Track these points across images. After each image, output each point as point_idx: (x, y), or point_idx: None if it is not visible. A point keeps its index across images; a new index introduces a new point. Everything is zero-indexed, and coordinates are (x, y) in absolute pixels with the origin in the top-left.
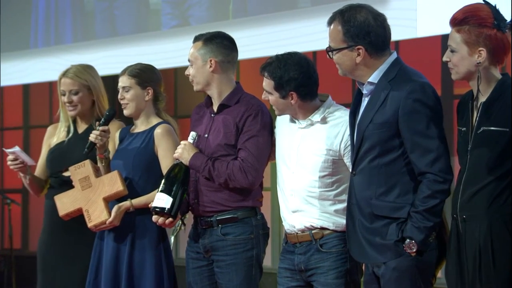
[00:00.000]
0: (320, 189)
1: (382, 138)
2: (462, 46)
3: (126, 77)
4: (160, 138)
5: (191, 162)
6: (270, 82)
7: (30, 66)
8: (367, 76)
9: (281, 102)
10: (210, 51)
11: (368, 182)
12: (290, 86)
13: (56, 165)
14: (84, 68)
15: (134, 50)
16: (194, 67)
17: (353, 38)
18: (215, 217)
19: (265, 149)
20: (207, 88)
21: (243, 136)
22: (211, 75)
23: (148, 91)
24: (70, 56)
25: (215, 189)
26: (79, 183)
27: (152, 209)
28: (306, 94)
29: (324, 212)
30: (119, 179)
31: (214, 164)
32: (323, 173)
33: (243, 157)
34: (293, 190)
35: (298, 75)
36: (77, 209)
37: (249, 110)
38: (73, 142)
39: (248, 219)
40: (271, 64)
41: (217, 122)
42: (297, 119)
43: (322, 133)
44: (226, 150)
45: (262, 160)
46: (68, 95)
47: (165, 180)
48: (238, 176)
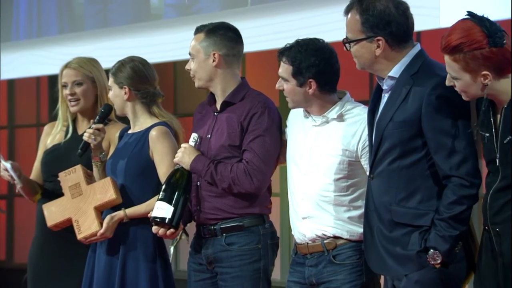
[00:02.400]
0: (335, 193)
1: (403, 138)
2: (462, 74)
3: (110, 75)
4: (155, 141)
5: (192, 165)
6: (288, 68)
7: (14, 60)
8: (388, 70)
9: (297, 91)
10: (213, 44)
11: (387, 186)
12: (310, 72)
13: (52, 169)
14: (88, 60)
15: (128, 42)
16: (196, 61)
17: (372, 28)
18: (218, 225)
19: (273, 150)
20: (210, 84)
21: (248, 136)
22: (214, 70)
23: (124, 90)
24: (58, 49)
25: (218, 194)
26: (69, 190)
27: (152, 219)
28: (326, 83)
29: (338, 219)
30: (112, 186)
31: (216, 167)
32: (338, 176)
33: (248, 159)
34: (305, 194)
35: (320, 62)
36: (66, 219)
37: (255, 107)
38: (72, 144)
39: (255, 227)
40: (290, 49)
41: (221, 121)
42: (311, 115)
43: (338, 131)
44: (230, 152)
45: (269, 162)
46: (70, 86)
47: (165, 188)
48: (242, 180)
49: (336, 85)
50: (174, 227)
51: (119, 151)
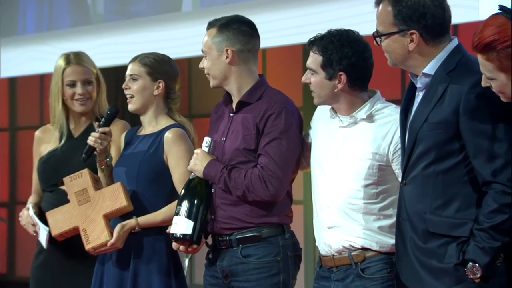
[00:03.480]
0: (364, 201)
1: (439, 141)
2: (498, 74)
3: (137, 65)
4: (171, 145)
5: (205, 172)
6: (318, 58)
7: (17, 56)
8: (422, 66)
9: (326, 85)
10: (226, 39)
11: (421, 193)
12: (341, 64)
13: (50, 177)
14: (85, 55)
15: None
16: (209, 59)
17: (406, 21)
18: (234, 236)
19: (290, 154)
20: (225, 83)
21: (264, 139)
22: (228, 68)
23: (159, 84)
24: (64, 44)
25: (233, 202)
26: (75, 196)
27: (171, 236)
28: (357, 78)
29: (367, 229)
30: (123, 192)
31: (230, 173)
32: (367, 182)
33: (263, 164)
34: (331, 201)
35: (352, 54)
36: (72, 228)
37: (271, 107)
38: (69, 149)
39: (274, 238)
40: (322, 38)
41: (236, 123)
42: (337, 115)
43: (367, 133)
44: (245, 156)
45: (286, 167)
46: (81, 86)
47: (181, 200)
48: (257, 186)
49: (368, 82)
50: (196, 242)
51: (128, 154)
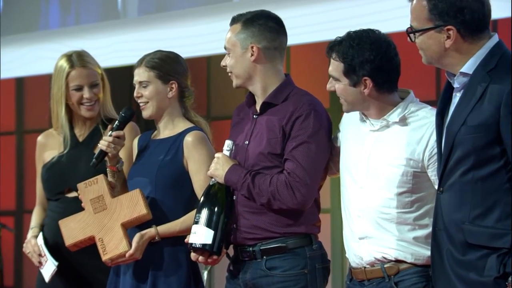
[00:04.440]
0: (397, 210)
1: (478, 145)
2: None
3: (143, 69)
4: (192, 149)
5: (226, 177)
6: (339, 65)
7: (25, 54)
8: (460, 65)
9: (351, 92)
10: (251, 36)
11: (459, 201)
12: (364, 69)
13: (56, 185)
14: (88, 55)
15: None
16: (232, 56)
17: (442, 16)
18: (258, 247)
19: (319, 159)
20: (249, 83)
21: (291, 143)
22: (253, 66)
23: (171, 86)
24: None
25: (257, 210)
26: (90, 204)
27: (189, 246)
28: (384, 82)
29: (401, 239)
30: (142, 199)
31: (254, 179)
32: (401, 190)
33: (290, 169)
34: (362, 211)
35: (375, 57)
36: (88, 237)
37: (299, 109)
38: (74, 154)
39: (301, 249)
40: (341, 43)
41: (260, 125)
42: (368, 118)
43: (400, 137)
44: (270, 161)
45: (315, 173)
46: (88, 89)
47: (201, 207)
48: (283, 194)
49: (397, 83)
50: (216, 253)
51: (145, 160)
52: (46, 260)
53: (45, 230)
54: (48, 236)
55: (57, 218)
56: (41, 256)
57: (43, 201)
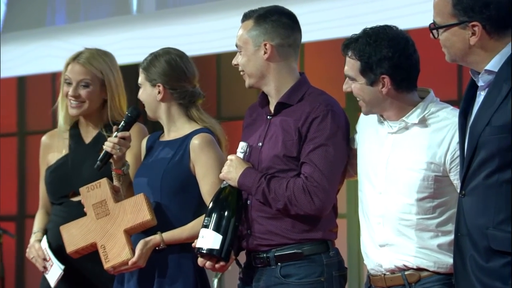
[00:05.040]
0: (418, 216)
1: (504, 146)
2: None
3: (140, 71)
4: (198, 152)
5: (240, 181)
6: (355, 64)
7: (28, 52)
8: (484, 62)
9: (368, 92)
10: (264, 32)
11: (483, 205)
12: (382, 67)
13: (59, 188)
14: (101, 55)
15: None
16: (244, 54)
17: (467, 11)
18: (272, 253)
19: (337, 163)
20: (262, 82)
21: (308, 146)
22: (266, 64)
23: (158, 88)
24: (79, 39)
25: (272, 216)
26: (93, 209)
27: (197, 250)
28: (403, 80)
29: (422, 247)
30: (146, 205)
31: (269, 183)
32: (421, 195)
33: (307, 174)
34: (382, 217)
35: (393, 54)
36: (90, 244)
37: (316, 110)
38: (79, 156)
39: (317, 256)
40: (357, 40)
41: (274, 127)
42: (386, 119)
43: (420, 140)
44: (286, 164)
45: (333, 177)
46: (75, 86)
47: (210, 211)
48: (301, 199)
49: (416, 81)
50: (224, 259)
51: (151, 163)
52: (52, 265)
53: (49, 235)
54: (52, 241)
55: (61, 222)
56: (45, 261)
57: (46, 205)
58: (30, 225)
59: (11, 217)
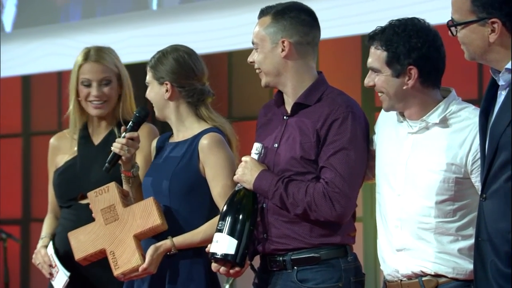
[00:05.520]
0: (437, 220)
1: None
2: None
3: (148, 69)
4: (207, 152)
5: (255, 184)
6: (381, 54)
7: (32, 50)
8: (505, 61)
9: (393, 84)
10: (282, 29)
11: (504, 209)
12: (410, 58)
13: (68, 191)
14: (107, 50)
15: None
16: (260, 52)
17: (486, 7)
18: (289, 256)
19: (358, 167)
20: (279, 81)
21: (327, 149)
22: (284, 62)
23: (166, 86)
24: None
25: (290, 220)
26: (101, 214)
27: (210, 256)
28: (430, 72)
29: (441, 251)
30: (156, 209)
31: (287, 187)
32: (441, 197)
33: (328, 179)
34: (400, 220)
35: (422, 44)
36: (99, 250)
37: (336, 112)
38: (88, 158)
39: (335, 260)
40: (384, 31)
41: (291, 128)
42: (406, 119)
43: (441, 140)
44: (303, 166)
45: (354, 182)
46: (97, 86)
47: (224, 214)
48: (321, 205)
49: (441, 77)
50: (239, 264)
51: (159, 165)
52: (58, 271)
53: (57, 240)
54: (59, 246)
55: (70, 226)
56: (52, 267)
57: (55, 209)
58: (35, 229)
59: (15, 221)
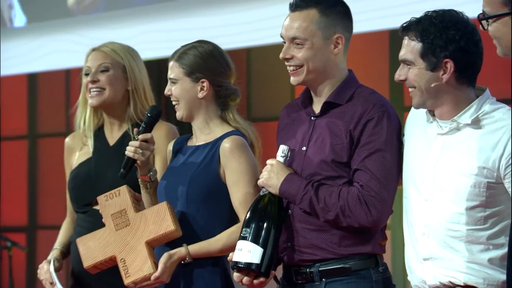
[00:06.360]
0: (467, 227)
1: None
2: None
3: (174, 64)
4: (229, 157)
5: (282, 189)
6: (416, 46)
7: (38, 47)
8: None
9: (427, 78)
10: (335, 24)
11: None
12: (447, 50)
13: (82, 195)
14: (123, 46)
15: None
16: (309, 48)
17: None
18: (316, 268)
19: (394, 170)
20: (319, 79)
21: (362, 151)
22: (333, 59)
23: (202, 84)
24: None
25: (318, 228)
26: (112, 219)
27: (233, 265)
28: (467, 67)
29: (471, 261)
30: (170, 214)
31: (318, 191)
32: (472, 203)
33: (363, 182)
34: (427, 227)
35: (461, 37)
36: (109, 257)
37: (369, 112)
38: (103, 160)
39: (366, 271)
40: (419, 22)
41: (321, 129)
42: (436, 119)
43: (472, 142)
44: (334, 170)
45: (391, 186)
46: (94, 72)
47: (249, 221)
48: (356, 210)
49: (477, 74)
50: (264, 274)
51: (177, 169)
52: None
53: (72, 249)
54: (74, 256)
55: (86, 233)
56: (52, 285)
57: (72, 213)
58: (41, 236)
59: (21, 228)
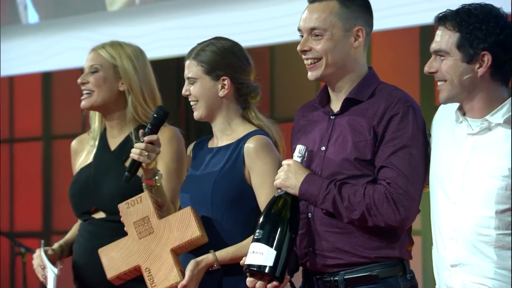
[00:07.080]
0: (498, 231)
1: None
2: None
3: (192, 63)
4: (254, 158)
5: (302, 189)
6: (453, 35)
7: (53, 44)
8: None
9: (461, 70)
10: (356, 16)
11: None
12: (486, 42)
13: (80, 202)
14: (123, 46)
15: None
16: (329, 39)
17: None
18: (341, 276)
19: (422, 167)
20: (339, 74)
21: (387, 147)
22: (353, 52)
23: (223, 83)
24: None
25: (342, 230)
26: (134, 228)
27: (246, 268)
28: (504, 63)
29: (502, 267)
30: (194, 219)
31: (341, 190)
32: (502, 207)
33: (389, 179)
34: (455, 232)
35: (502, 30)
36: (133, 267)
37: (394, 107)
38: (103, 165)
39: (394, 279)
40: (457, 13)
41: (341, 127)
42: (466, 118)
43: (504, 143)
44: (358, 169)
45: (419, 183)
46: (84, 74)
47: (263, 223)
48: (383, 208)
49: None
50: (278, 278)
51: (199, 173)
52: (48, 271)
53: (73, 258)
54: (76, 266)
55: (83, 243)
56: (44, 269)
57: None
58: (56, 242)
59: (35, 234)
